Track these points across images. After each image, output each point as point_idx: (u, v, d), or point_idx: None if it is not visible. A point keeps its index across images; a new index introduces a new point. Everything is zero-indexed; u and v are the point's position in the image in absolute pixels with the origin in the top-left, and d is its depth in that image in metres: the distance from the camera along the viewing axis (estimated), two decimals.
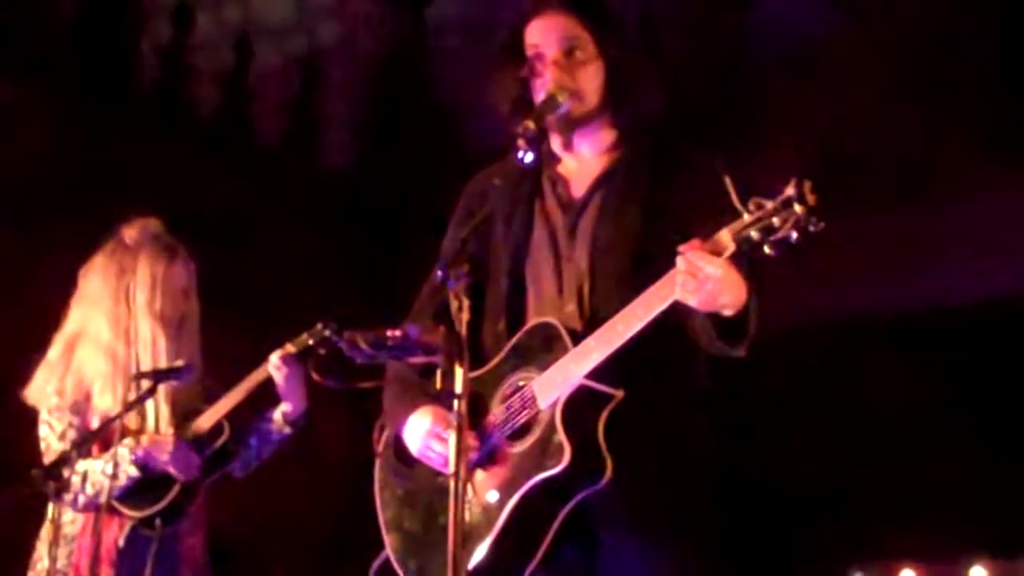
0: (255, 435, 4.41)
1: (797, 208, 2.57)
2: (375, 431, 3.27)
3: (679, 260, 2.69)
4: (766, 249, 2.63)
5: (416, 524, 3.11)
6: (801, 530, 7.66)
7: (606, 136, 3.20)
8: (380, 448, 3.25)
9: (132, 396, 4.13)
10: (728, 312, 2.76)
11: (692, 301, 2.72)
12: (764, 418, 7.49)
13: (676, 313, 2.80)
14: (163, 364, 4.23)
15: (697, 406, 3.06)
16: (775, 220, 2.60)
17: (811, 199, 2.57)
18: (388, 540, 3.16)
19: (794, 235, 2.58)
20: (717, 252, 2.68)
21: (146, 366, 4.22)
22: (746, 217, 2.65)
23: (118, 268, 4.37)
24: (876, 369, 7.53)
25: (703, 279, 2.67)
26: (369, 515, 3.23)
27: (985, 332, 7.32)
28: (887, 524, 7.50)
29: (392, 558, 3.15)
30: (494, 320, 3.12)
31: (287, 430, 4.39)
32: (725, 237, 2.68)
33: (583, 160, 3.20)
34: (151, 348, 4.30)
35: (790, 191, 2.59)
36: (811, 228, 2.58)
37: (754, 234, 2.63)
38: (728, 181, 2.70)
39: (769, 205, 2.61)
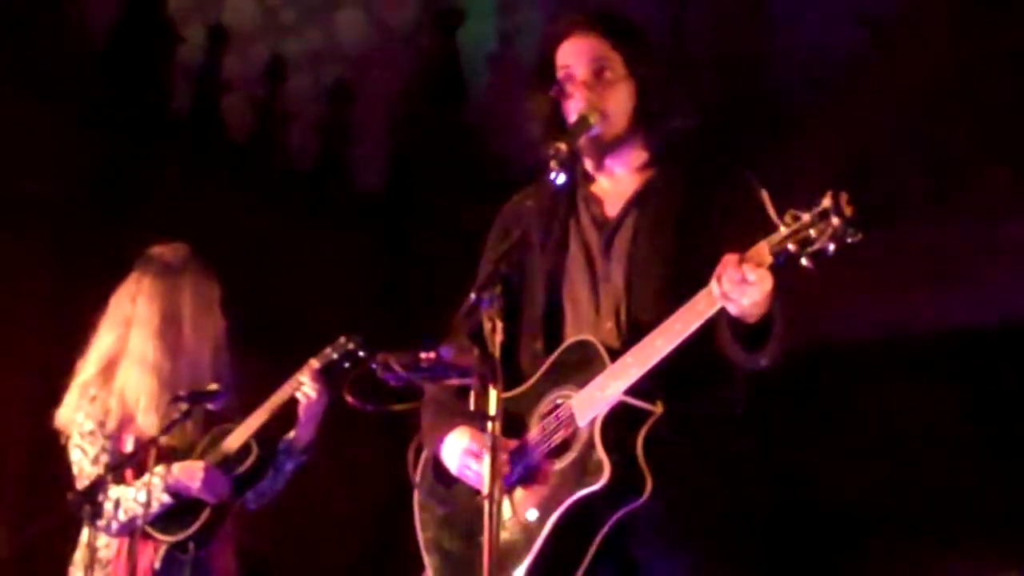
0: (271, 467, 4.38)
1: (834, 220, 2.55)
2: (410, 452, 3.26)
3: (727, 270, 2.67)
4: (803, 261, 2.61)
5: (456, 545, 3.09)
6: (841, 549, 7.61)
7: (639, 156, 3.19)
8: (418, 469, 3.23)
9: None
10: (750, 320, 2.75)
11: (733, 309, 2.71)
12: (802, 436, 7.44)
13: (707, 327, 2.79)
14: (207, 382, 4.22)
15: (734, 423, 3.03)
16: (812, 232, 2.58)
17: (848, 210, 2.55)
18: (428, 561, 3.16)
19: (831, 247, 2.57)
20: (756, 265, 2.66)
21: (189, 383, 4.22)
22: (783, 230, 2.63)
23: (167, 287, 4.37)
24: (916, 387, 7.48)
25: (744, 289, 2.65)
26: (407, 535, 3.22)
27: None
28: (925, 543, 7.45)
29: None
30: (531, 339, 3.11)
31: (302, 458, 4.38)
32: (763, 250, 2.66)
33: (617, 179, 3.19)
34: (196, 365, 4.33)
35: (826, 203, 2.57)
36: (848, 240, 2.56)
37: (791, 246, 2.61)
38: (765, 194, 2.70)
39: (805, 217, 2.60)
